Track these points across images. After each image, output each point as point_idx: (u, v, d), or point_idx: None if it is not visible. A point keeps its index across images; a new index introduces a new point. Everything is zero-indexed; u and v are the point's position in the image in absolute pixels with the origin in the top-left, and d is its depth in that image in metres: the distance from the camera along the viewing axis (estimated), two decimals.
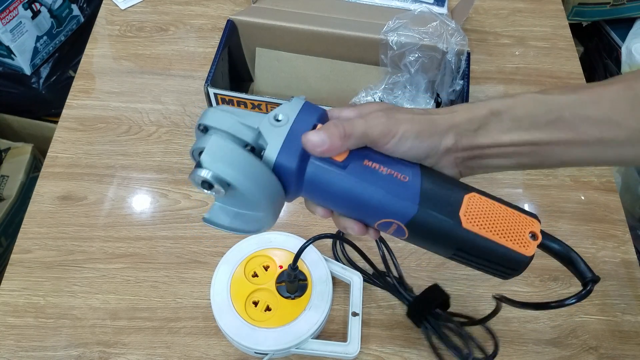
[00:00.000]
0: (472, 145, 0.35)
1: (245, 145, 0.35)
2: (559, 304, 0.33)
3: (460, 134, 0.35)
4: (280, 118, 0.35)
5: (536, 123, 0.34)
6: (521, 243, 0.34)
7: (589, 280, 0.34)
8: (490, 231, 0.33)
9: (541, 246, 0.35)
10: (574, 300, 0.33)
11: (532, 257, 0.34)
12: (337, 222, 0.37)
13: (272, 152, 0.34)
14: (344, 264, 0.63)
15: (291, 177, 0.34)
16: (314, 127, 0.35)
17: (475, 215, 0.34)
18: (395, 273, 0.61)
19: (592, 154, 0.35)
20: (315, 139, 0.33)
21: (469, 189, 0.36)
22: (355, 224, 0.36)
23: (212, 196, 0.36)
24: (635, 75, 0.35)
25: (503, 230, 0.34)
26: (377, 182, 0.34)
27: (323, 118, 0.36)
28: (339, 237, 0.60)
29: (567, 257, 0.35)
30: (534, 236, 0.34)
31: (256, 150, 0.35)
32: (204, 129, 0.36)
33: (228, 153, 0.33)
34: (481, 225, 0.33)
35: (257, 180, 0.33)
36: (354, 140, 0.34)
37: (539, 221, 0.35)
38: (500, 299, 0.38)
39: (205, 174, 0.33)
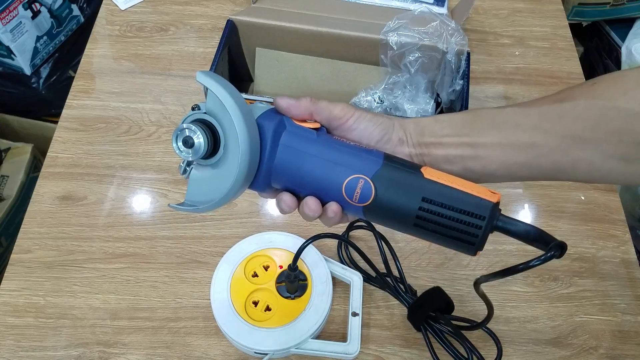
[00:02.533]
0: (420, 142, 0.40)
1: None
2: (526, 265, 0.35)
3: (409, 131, 0.41)
4: (260, 105, 0.39)
5: (473, 129, 0.39)
6: (484, 193, 0.36)
7: (552, 245, 0.34)
8: (452, 183, 0.36)
9: (499, 229, 0.36)
10: (537, 262, 0.34)
11: (497, 204, 0.36)
12: (300, 208, 0.39)
13: (255, 114, 0.37)
14: (346, 265, 0.63)
15: (268, 138, 0.37)
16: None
17: (435, 173, 0.37)
18: (396, 274, 0.61)
19: (528, 159, 0.38)
20: (286, 99, 0.39)
21: None
22: (313, 200, 0.38)
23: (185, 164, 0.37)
24: (567, 90, 0.39)
25: (463, 184, 0.36)
26: (346, 146, 0.39)
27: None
28: (340, 237, 0.60)
29: (527, 231, 0.36)
30: (494, 193, 0.37)
31: None
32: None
33: (222, 80, 0.36)
34: (442, 178, 0.37)
35: (244, 112, 0.35)
36: (318, 109, 0.40)
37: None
38: (478, 282, 0.39)
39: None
